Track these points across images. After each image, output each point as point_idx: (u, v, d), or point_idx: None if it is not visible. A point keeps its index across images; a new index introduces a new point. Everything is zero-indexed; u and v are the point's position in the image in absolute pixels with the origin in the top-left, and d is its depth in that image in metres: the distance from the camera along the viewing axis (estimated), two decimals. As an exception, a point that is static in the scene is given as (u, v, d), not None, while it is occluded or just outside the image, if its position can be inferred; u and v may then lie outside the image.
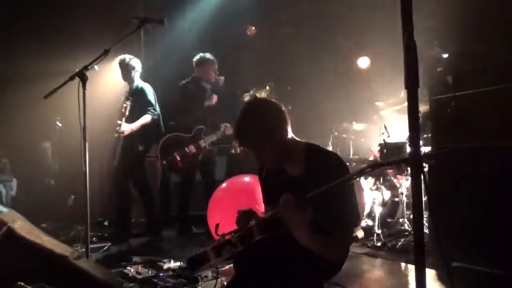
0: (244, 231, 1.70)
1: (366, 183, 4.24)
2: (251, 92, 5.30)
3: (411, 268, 3.06)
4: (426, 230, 3.47)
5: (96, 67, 3.10)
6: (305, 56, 5.41)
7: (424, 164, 3.10)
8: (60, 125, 5.12)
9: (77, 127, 2.91)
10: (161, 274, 2.82)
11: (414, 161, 1.27)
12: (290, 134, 1.87)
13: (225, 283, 2.44)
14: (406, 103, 1.33)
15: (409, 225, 3.90)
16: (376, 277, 3.03)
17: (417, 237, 1.28)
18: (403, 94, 4.03)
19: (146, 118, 4.45)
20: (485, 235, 2.69)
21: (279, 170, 1.89)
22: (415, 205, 1.33)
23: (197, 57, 4.72)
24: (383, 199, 4.20)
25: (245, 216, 1.85)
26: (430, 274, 2.87)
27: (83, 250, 2.95)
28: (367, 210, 4.06)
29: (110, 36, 3.04)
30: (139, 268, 2.96)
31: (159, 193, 5.35)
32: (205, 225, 3.98)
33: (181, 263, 3.01)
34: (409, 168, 3.77)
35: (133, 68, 4.54)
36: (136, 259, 3.23)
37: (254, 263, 1.70)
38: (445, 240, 2.77)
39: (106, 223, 5.17)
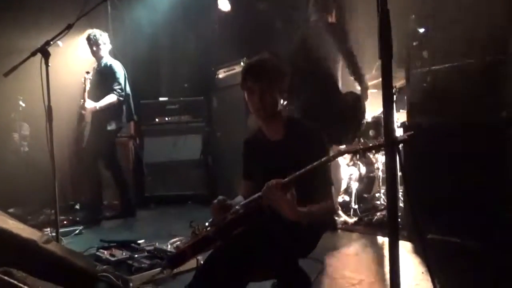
0: (221, 225, 1.72)
1: (343, 159, 4.30)
2: (226, 68, 5.25)
3: (387, 242, 3.15)
4: (401, 204, 3.57)
5: (60, 43, 3.00)
6: (280, 30, 5.36)
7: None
8: (23, 105, 4.96)
9: (42, 106, 2.82)
10: (136, 256, 2.81)
11: (388, 137, 1.29)
12: None
13: (202, 262, 2.45)
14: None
15: (385, 200, 3.99)
16: (353, 251, 3.11)
17: (391, 211, 1.31)
18: (375, 69, 4.07)
19: (111, 98, 4.38)
20: (458, 208, 2.79)
21: (261, 137, 2.01)
22: (389, 179, 1.35)
23: None
24: (360, 174, 4.28)
25: (219, 206, 1.85)
26: (406, 246, 2.97)
27: (53, 234, 2.91)
28: (343, 186, 4.13)
29: (75, 9, 2.92)
30: (113, 250, 2.94)
31: (132, 174, 5.31)
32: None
33: (156, 243, 3.01)
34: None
35: (102, 43, 4.42)
36: (109, 241, 3.21)
37: (231, 249, 1.71)
38: (420, 213, 2.85)
39: (77, 207, 5.11)
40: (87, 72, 4.31)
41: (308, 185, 1.72)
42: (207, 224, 1.81)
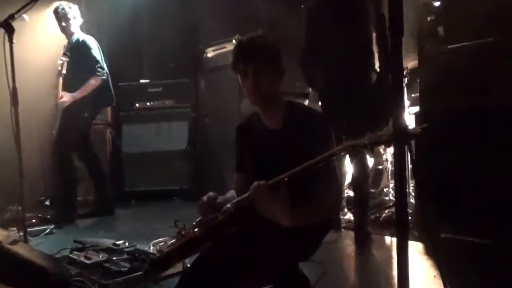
0: (211, 225, 1.71)
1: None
2: (215, 47, 5.22)
3: (395, 242, 3.18)
4: (412, 200, 3.60)
5: (25, 16, 2.97)
6: (279, 2, 5.32)
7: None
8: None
9: (6, 88, 2.81)
10: (114, 258, 2.82)
11: (397, 130, 1.28)
12: None
13: (188, 265, 2.46)
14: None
15: (394, 195, 4.01)
16: (357, 252, 3.14)
17: (400, 208, 1.31)
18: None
19: (94, 83, 4.34)
20: (476, 205, 2.80)
21: (257, 124, 1.98)
22: (398, 173, 1.35)
23: None
24: (366, 167, 4.30)
25: (208, 204, 1.84)
26: (416, 247, 3.00)
27: (21, 234, 2.91)
28: (348, 180, 4.15)
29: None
30: (88, 252, 2.94)
31: (109, 166, 5.31)
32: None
33: (137, 244, 3.02)
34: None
35: (72, 17, 4.37)
36: (84, 242, 3.21)
37: (222, 252, 1.72)
38: (432, 210, 2.87)
39: (47, 203, 5.10)
40: (65, 54, 4.26)
41: (307, 181, 1.71)
42: (194, 223, 1.81)
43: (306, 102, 4.49)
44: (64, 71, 4.22)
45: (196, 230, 1.75)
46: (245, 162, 2.06)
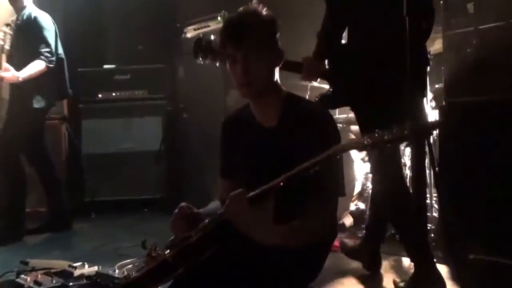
0: (184, 246, 1.70)
1: (357, 153, 4.32)
2: (197, 25, 5.22)
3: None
4: (434, 214, 3.61)
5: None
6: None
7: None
8: None
9: None
10: (70, 284, 2.83)
11: (412, 125, 1.28)
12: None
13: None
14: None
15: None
16: (369, 276, 3.14)
17: (418, 223, 1.32)
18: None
19: (37, 66, 4.32)
20: (510, 218, 2.81)
21: (249, 119, 1.98)
22: (416, 182, 1.36)
23: None
24: (379, 173, 4.31)
25: (182, 218, 1.82)
26: (441, 271, 2.99)
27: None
28: (357, 189, 4.16)
29: None
30: (39, 275, 2.93)
31: (66, 170, 5.30)
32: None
33: (99, 267, 3.01)
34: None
35: None
36: (34, 263, 3.20)
37: (198, 279, 1.71)
38: (459, 225, 2.88)
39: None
40: (7, 25, 4.24)
41: (301, 192, 1.71)
42: (167, 243, 1.79)
43: (306, 94, 4.50)
44: (7, 46, 4.22)
45: (167, 252, 1.73)
46: (232, 165, 2.06)
